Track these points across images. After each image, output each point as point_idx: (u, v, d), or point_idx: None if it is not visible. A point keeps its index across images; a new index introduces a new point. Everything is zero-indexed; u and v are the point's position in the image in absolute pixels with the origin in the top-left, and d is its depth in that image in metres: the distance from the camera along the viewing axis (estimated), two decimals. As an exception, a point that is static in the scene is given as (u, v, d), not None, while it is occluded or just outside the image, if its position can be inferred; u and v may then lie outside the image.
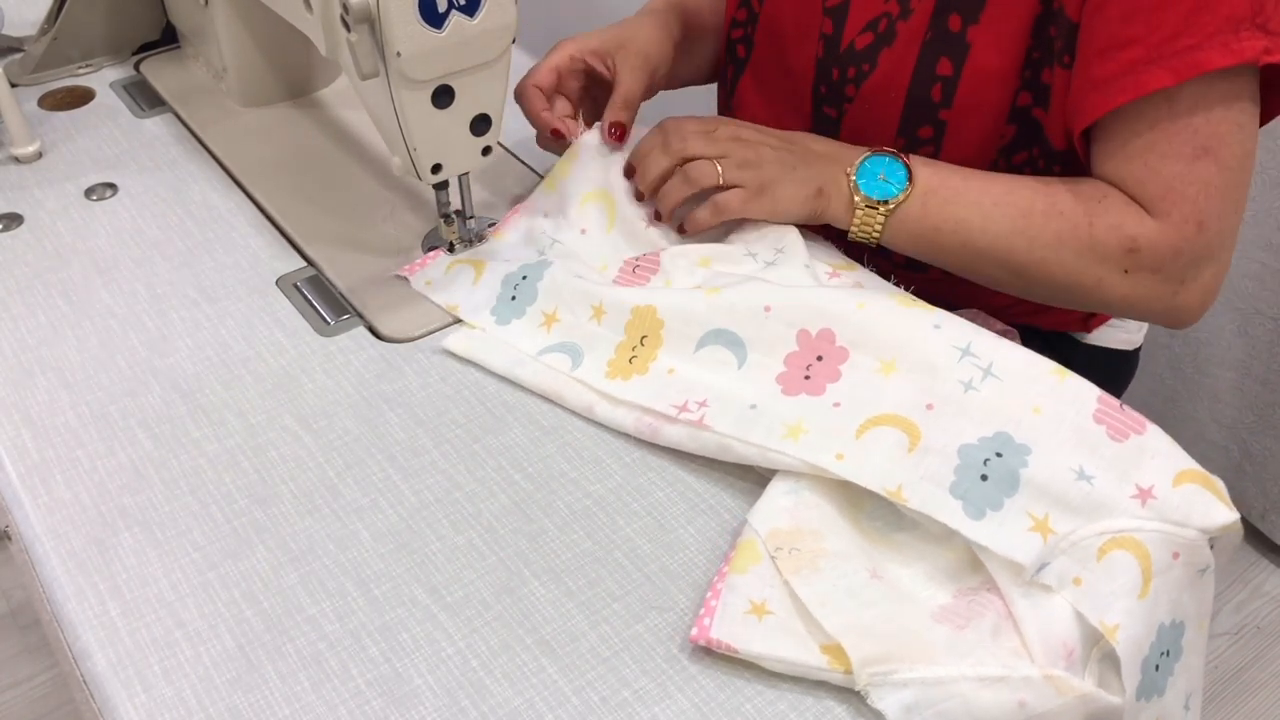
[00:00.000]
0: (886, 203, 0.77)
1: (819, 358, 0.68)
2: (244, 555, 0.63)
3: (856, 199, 0.77)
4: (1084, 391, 0.63)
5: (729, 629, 0.57)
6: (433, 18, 0.69)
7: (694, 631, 0.58)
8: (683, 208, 0.80)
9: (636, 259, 0.79)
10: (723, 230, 0.81)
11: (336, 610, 0.61)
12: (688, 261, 0.77)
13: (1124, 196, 0.74)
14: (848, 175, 0.78)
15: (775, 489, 0.64)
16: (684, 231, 0.81)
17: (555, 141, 0.86)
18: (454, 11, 0.70)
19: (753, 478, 0.68)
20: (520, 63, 0.95)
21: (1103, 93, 0.71)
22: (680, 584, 0.62)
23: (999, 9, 0.77)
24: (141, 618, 0.60)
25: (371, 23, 0.68)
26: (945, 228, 0.76)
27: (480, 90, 0.75)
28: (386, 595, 0.61)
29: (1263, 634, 1.52)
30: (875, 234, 0.78)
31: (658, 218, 0.82)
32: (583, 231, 0.83)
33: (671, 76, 0.95)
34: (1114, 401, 0.63)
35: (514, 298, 0.77)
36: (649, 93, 0.89)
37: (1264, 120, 0.76)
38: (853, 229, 0.78)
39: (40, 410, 0.72)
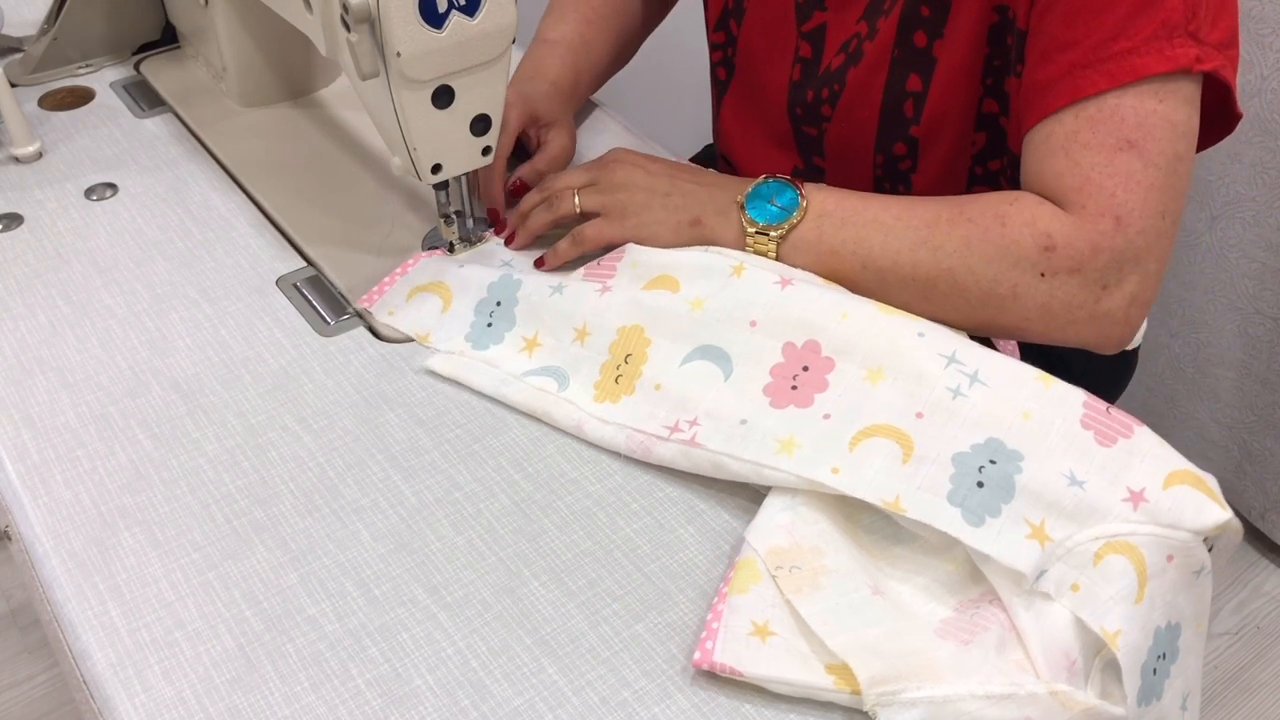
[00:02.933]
0: (778, 227, 0.74)
1: (805, 368, 0.67)
2: (244, 555, 0.63)
3: (745, 224, 0.75)
4: (1070, 397, 0.63)
5: (733, 652, 0.56)
6: (433, 18, 0.69)
7: (696, 655, 0.57)
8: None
9: (600, 258, 0.78)
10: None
11: (336, 610, 0.61)
12: (641, 273, 0.75)
13: (1037, 197, 0.71)
14: (738, 203, 0.75)
15: (771, 506, 0.64)
16: (542, 265, 0.82)
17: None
18: (454, 11, 0.70)
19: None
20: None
21: (1042, 96, 0.71)
22: (680, 584, 0.62)
23: (960, 21, 0.77)
24: (141, 618, 0.60)
25: (371, 23, 0.68)
26: (844, 249, 0.73)
27: (480, 90, 0.75)
28: (386, 595, 0.61)
29: (1263, 634, 1.52)
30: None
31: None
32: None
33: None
34: (1100, 405, 0.63)
35: (490, 325, 0.76)
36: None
37: (1216, 138, 0.75)
38: None
39: (40, 410, 0.72)
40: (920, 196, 0.74)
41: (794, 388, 0.67)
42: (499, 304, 0.77)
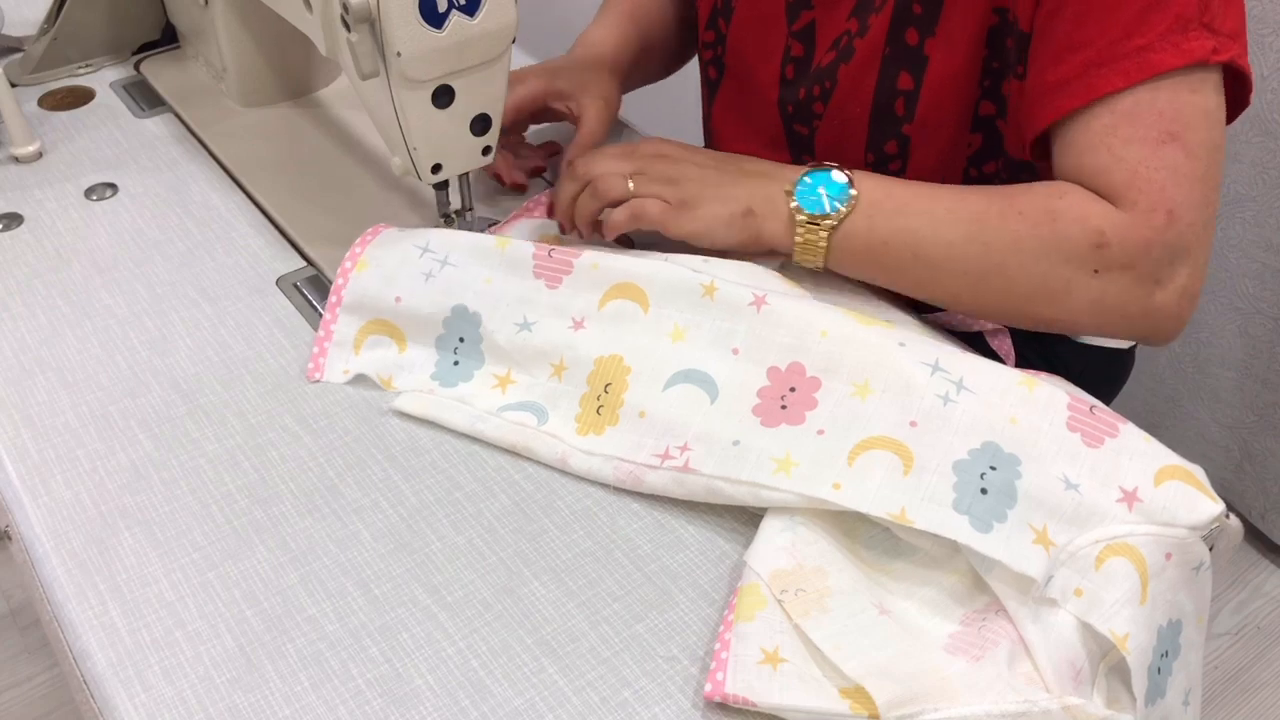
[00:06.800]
0: (829, 217, 0.73)
1: (792, 389, 0.66)
2: (244, 555, 0.63)
3: (797, 216, 0.73)
4: (1054, 399, 0.63)
5: (745, 682, 0.55)
6: (433, 18, 0.69)
7: (708, 688, 0.56)
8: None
9: (552, 246, 0.75)
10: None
11: (336, 610, 0.61)
12: (601, 279, 0.73)
13: (1086, 191, 0.70)
14: (786, 193, 0.74)
15: (770, 527, 0.62)
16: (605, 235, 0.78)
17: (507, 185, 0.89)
18: (454, 11, 0.70)
19: (753, 478, 0.68)
20: (520, 63, 0.95)
21: (1055, 97, 0.70)
22: (680, 584, 0.62)
23: (954, 21, 0.76)
24: (141, 618, 0.60)
25: (371, 23, 0.68)
26: (894, 241, 0.72)
27: (480, 90, 0.75)
28: (386, 595, 0.61)
29: (1263, 634, 1.52)
30: (819, 253, 0.74)
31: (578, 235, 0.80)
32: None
33: (626, 87, 0.97)
34: (1083, 405, 0.63)
35: (457, 363, 0.73)
36: (606, 135, 0.90)
37: (1229, 119, 0.73)
38: (795, 250, 0.75)
39: (40, 410, 0.72)
40: (969, 187, 0.73)
41: (783, 407, 0.66)
42: (462, 340, 0.73)
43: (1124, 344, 0.98)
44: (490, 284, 0.74)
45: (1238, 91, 0.72)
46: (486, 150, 0.79)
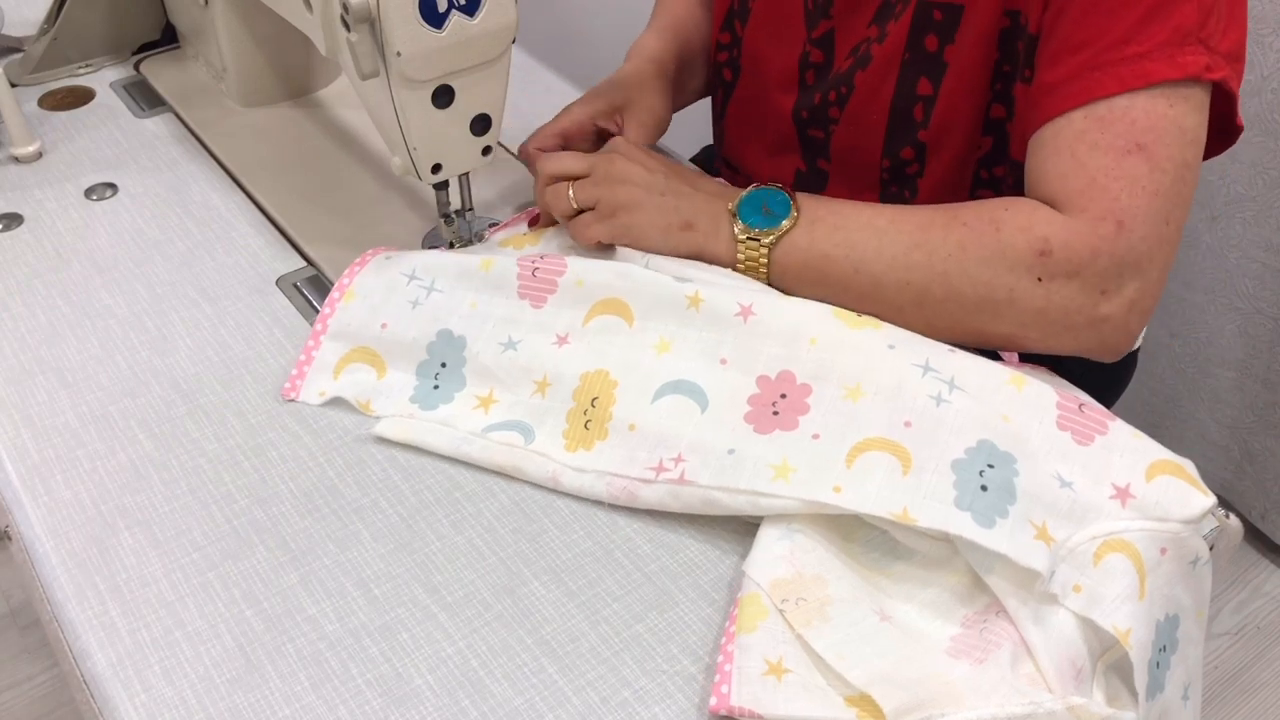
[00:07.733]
0: (769, 232, 0.73)
1: (783, 395, 0.66)
2: (244, 555, 0.63)
3: (737, 230, 0.73)
4: (1043, 398, 0.63)
5: (749, 693, 0.55)
6: (433, 18, 0.69)
7: (712, 701, 0.55)
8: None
9: (536, 260, 0.74)
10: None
11: (336, 610, 0.61)
12: (586, 295, 0.73)
13: (1033, 201, 0.70)
14: (730, 211, 0.74)
15: (767, 536, 0.62)
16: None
17: None
18: (454, 11, 0.70)
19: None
20: (520, 63, 0.95)
21: (1050, 98, 0.70)
22: (680, 584, 0.62)
23: (971, 27, 0.76)
24: (141, 618, 0.60)
25: (371, 23, 0.68)
26: (836, 254, 0.72)
27: (480, 90, 0.75)
28: (386, 595, 0.61)
29: (1263, 634, 1.52)
30: (761, 268, 0.74)
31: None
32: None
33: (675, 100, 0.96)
34: (1072, 404, 0.63)
35: (437, 386, 0.72)
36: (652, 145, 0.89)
37: (1217, 150, 0.74)
38: (738, 265, 0.74)
39: (40, 410, 0.72)
40: (914, 205, 0.73)
41: (776, 413, 0.66)
42: (444, 365, 0.72)
43: (1126, 353, 0.98)
44: (475, 308, 0.74)
45: (1226, 120, 0.72)
46: (486, 150, 0.79)
